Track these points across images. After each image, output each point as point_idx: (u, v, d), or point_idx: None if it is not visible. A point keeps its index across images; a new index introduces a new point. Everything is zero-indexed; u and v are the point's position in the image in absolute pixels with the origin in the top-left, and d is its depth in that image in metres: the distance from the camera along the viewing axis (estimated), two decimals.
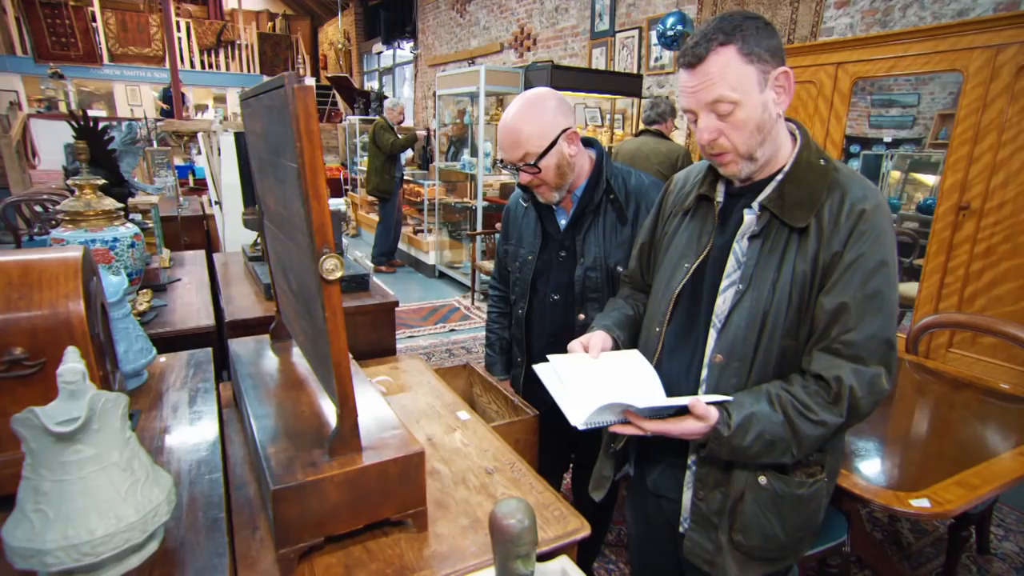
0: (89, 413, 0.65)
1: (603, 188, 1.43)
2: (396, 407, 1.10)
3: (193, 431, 1.04)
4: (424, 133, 6.89)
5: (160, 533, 0.76)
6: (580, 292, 1.47)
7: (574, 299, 1.48)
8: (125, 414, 0.71)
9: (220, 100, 13.61)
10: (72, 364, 0.69)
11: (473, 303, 5.25)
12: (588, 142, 1.49)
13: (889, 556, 2.13)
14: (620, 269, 1.41)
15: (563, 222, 1.50)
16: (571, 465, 1.86)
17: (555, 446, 1.69)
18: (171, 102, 9.32)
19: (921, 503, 1.29)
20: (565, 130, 1.36)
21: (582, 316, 1.48)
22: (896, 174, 4.76)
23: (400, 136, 5.85)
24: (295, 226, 0.91)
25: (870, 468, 1.54)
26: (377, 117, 6.16)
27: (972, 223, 2.83)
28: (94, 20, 11.65)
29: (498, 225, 5.33)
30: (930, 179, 4.55)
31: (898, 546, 2.23)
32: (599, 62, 6.33)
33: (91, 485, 0.66)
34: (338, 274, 0.80)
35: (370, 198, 7.53)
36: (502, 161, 1.44)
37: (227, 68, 13.40)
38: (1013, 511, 2.45)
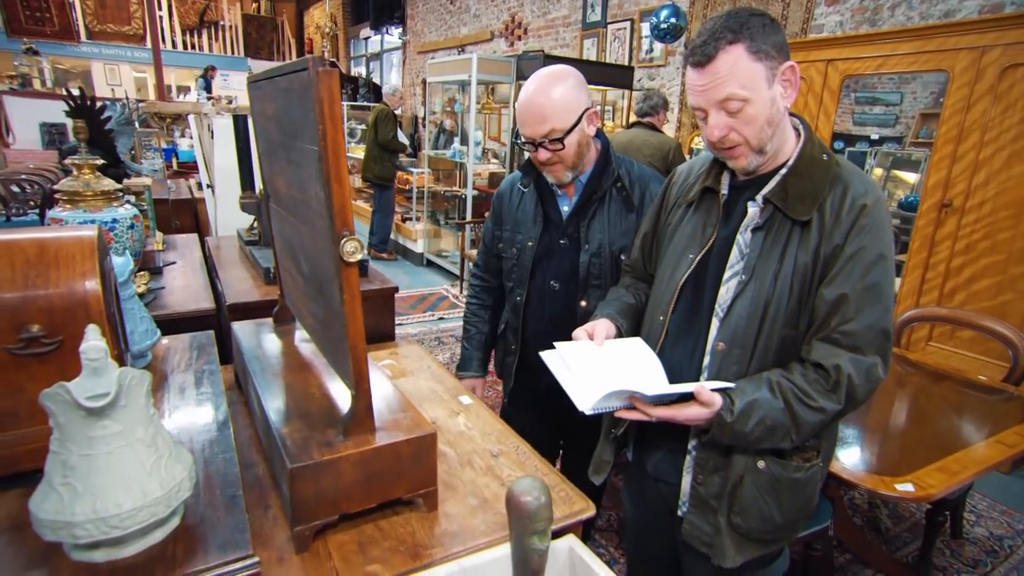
0: (118, 389, 0.66)
1: (612, 175, 1.45)
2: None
3: (202, 412, 1.05)
4: (408, 145, 6.83)
5: (181, 509, 0.77)
6: (584, 279, 1.47)
7: (576, 286, 1.48)
8: (149, 391, 0.72)
9: None
10: (95, 342, 0.70)
11: (461, 291, 5.26)
12: None
13: (869, 540, 2.21)
14: (624, 256, 1.43)
15: (566, 208, 1.50)
16: (561, 452, 1.88)
17: (548, 432, 1.71)
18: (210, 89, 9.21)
19: (906, 487, 1.35)
20: (587, 108, 1.38)
21: (584, 303, 1.48)
22: (879, 171, 4.84)
23: (401, 133, 5.82)
24: (311, 209, 0.92)
25: (853, 455, 1.60)
26: (377, 104, 6.08)
27: (954, 220, 2.91)
28: None
29: (487, 214, 5.35)
30: (911, 177, 4.64)
31: (877, 531, 2.31)
32: (590, 53, 6.32)
33: (118, 460, 0.67)
34: (358, 256, 0.81)
35: (358, 185, 7.46)
36: (517, 137, 1.43)
37: (210, 49, 13.09)
38: (984, 498, 2.55)
